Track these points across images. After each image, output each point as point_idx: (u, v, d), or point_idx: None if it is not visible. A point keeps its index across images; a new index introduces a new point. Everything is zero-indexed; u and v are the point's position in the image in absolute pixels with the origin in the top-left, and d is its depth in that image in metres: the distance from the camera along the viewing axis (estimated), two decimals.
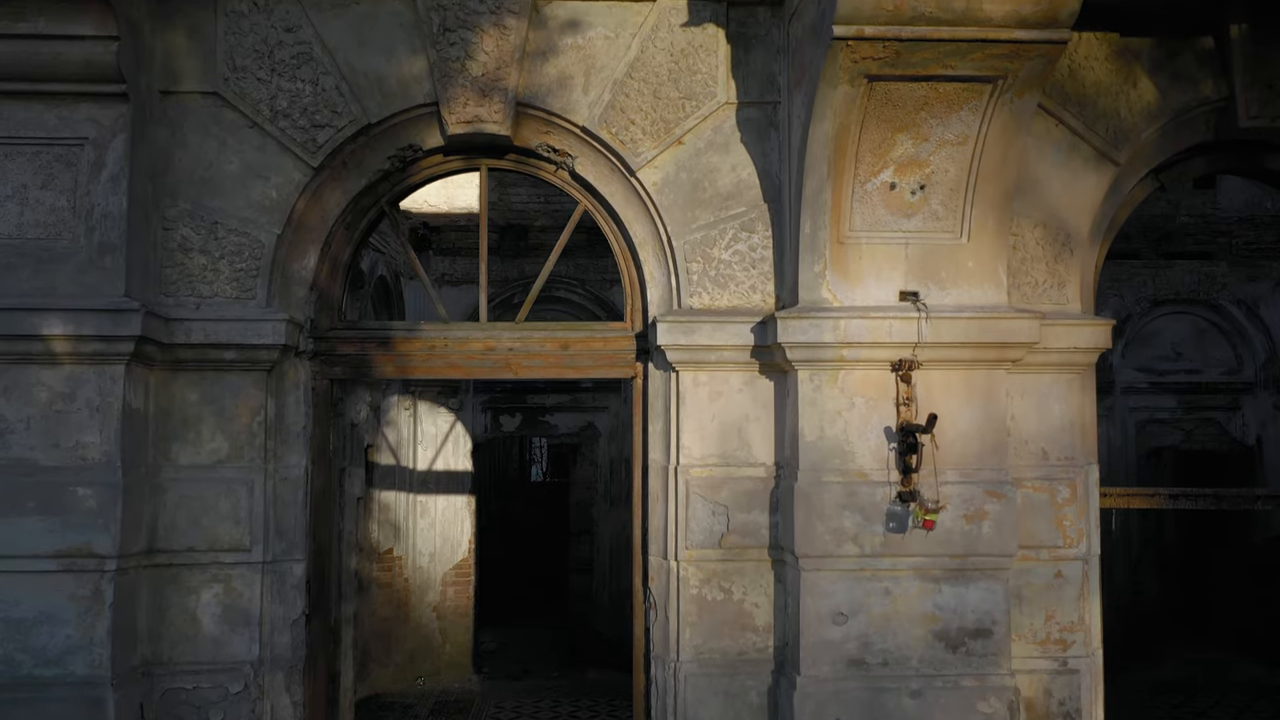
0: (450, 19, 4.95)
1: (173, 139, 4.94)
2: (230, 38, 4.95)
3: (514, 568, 16.02)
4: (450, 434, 12.85)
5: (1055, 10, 4.11)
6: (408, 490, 12.27)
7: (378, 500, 11.82)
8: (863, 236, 4.75)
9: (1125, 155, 5.14)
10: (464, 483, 12.71)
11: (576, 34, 5.06)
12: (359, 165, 5.13)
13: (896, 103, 4.44)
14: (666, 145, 5.05)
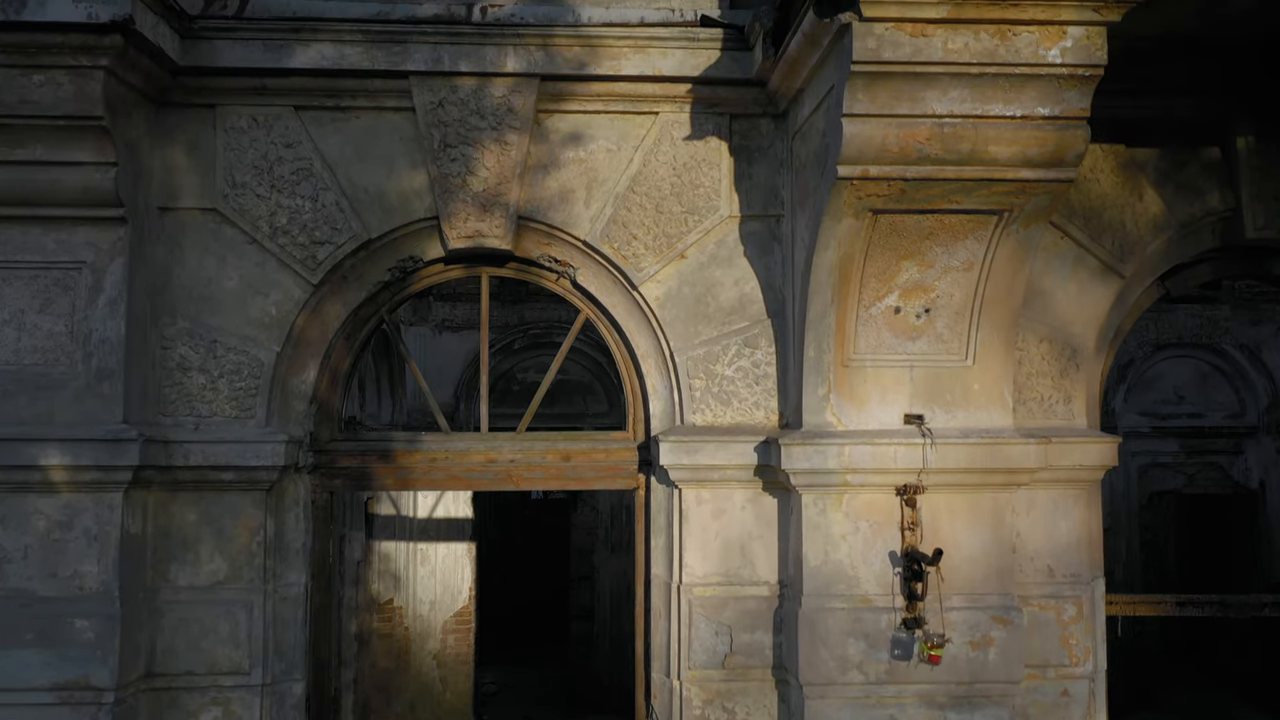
0: (451, 135, 4.92)
1: (171, 256, 4.91)
2: (230, 154, 4.91)
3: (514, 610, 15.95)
4: None
5: (1062, 152, 4.07)
6: (408, 539, 12.22)
7: (378, 551, 11.77)
8: (867, 359, 4.71)
9: (1131, 268, 5.11)
10: (464, 529, 12.67)
11: (578, 147, 5.02)
12: (359, 278, 5.09)
13: (901, 232, 4.40)
14: (669, 259, 5.02)
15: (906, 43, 3.85)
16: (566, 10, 4.93)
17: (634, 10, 4.96)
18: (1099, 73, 3.94)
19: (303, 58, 4.80)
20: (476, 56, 4.85)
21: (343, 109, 4.95)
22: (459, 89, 4.90)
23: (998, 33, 3.87)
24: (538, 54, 4.86)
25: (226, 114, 4.91)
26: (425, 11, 4.91)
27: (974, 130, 4.01)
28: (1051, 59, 3.89)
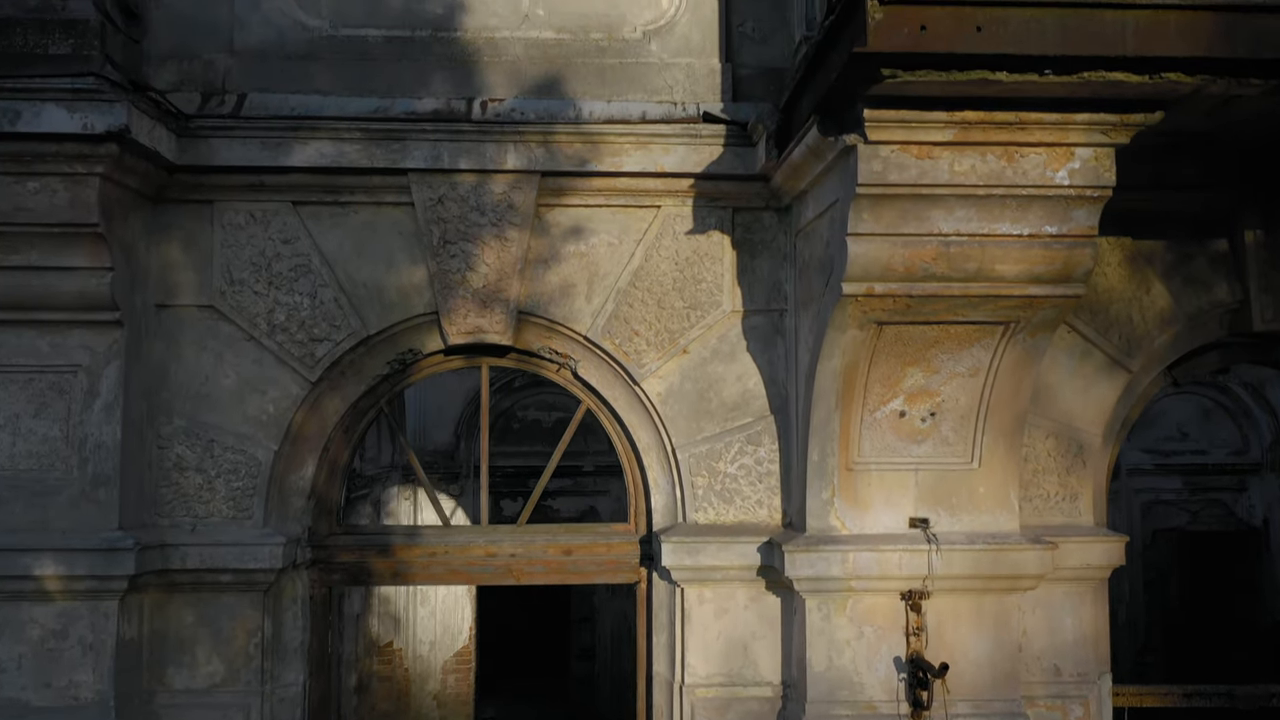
0: (451, 231, 4.87)
1: (168, 353, 4.85)
2: (227, 250, 4.86)
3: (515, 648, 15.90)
4: (451, 520, 12.76)
5: (1070, 269, 4.02)
6: None
7: (377, 594, 11.73)
8: (872, 463, 4.65)
9: (1139, 363, 5.06)
10: None
11: (579, 240, 4.97)
12: (358, 372, 5.04)
13: (907, 341, 4.35)
14: (671, 355, 4.96)
15: (913, 165, 3.80)
16: (568, 105, 4.88)
17: (635, 105, 4.92)
18: (1107, 193, 3.90)
19: (301, 156, 4.75)
20: (476, 153, 4.80)
21: (341, 204, 4.90)
22: (459, 185, 4.85)
23: (1005, 154, 3.82)
24: (538, 151, 4.81)
25: (224, 210, 4.86)
26: (425, 107, 4.86)
27: (980, 249, 3.96)
28: (1059, 181, 3.84)
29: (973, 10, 3.33)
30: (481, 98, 4.90)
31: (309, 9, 4.98)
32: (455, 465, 12.55)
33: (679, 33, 5.03)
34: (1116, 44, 3.35)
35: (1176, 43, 3.36)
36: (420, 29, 4.99)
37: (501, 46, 4.99)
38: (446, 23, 5.00)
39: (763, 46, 5.09)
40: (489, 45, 4.99)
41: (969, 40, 3.34)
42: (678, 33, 5.03)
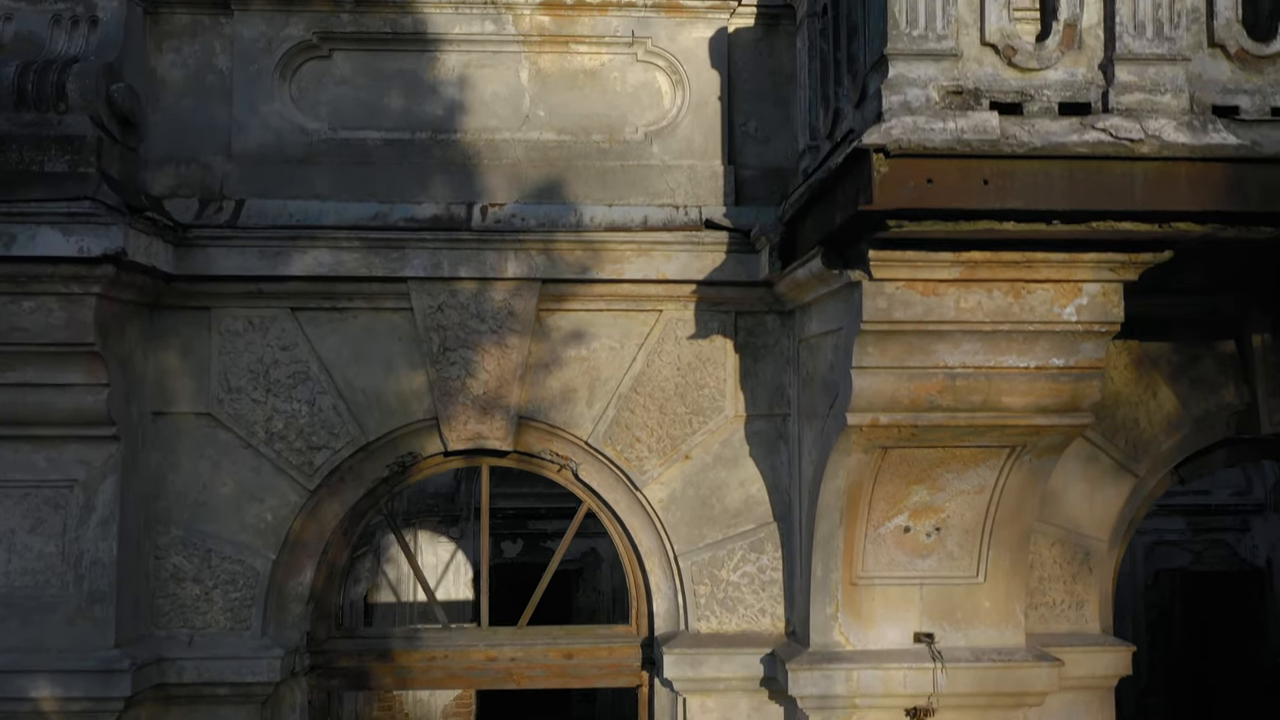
0: (450, 339, 4.82)
1: (165, 461, 4.81)
2: (224, 357, 4.82)
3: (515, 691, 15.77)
4: (451, 563, 12.70)
5: (1077, 400, 3.97)
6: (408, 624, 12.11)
7: None
8: (876, 578, 4.60)
9: (1145, 467, 5.01)
10: (465, 612, 12.56)
11: (580, 345, 4.92)
12: (357, 478, 4.99)
13: (912, 461, 4.30)
14: (673, 461, 4.91)
15: (918, 301, 3.75)
16: (569, 210, 4.84)
17: (637, 209, 4.87)
18: (1115, 328, 3.85)
19: (299, 265, 4.71)
20: (476, 261, 4.75)
21: (340, 309, 4.85)
22: (459, 293, 4.80)
23: (1011, 290, 3.77)
24: (539, 258, 4.76)
25: (221, 317, 4.82)
26: (424, 212, 4.82)
27: (986, 381, 3.91)
28: (1067, 317, 3.79)
29: (979, 163, 3.28)
30: (482, 202, 4.86)
31: (308, 112, 4.94)
32: (455, 508, 12.49)
33: (681, 134, 4.99)
34: (1125, 197, 3.31)
35: (1187, 195, 3.32)
36: (420, 131, 4.95)
37: (502, 149, 4.95)
38: (446, 124, 4.96)
39: (765, 146, 5.05)
40: (489, 147, 4.94)
41: (976, 194, 3.29)
42: (680, 134, 4.99)
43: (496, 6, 4.93)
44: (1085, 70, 3.44)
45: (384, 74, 4.97)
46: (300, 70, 4.95)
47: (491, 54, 4.98)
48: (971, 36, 3.43)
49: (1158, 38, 3.41)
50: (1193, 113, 3.39)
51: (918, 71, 3.36)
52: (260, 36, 4.90)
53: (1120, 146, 3.28)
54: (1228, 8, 3.49)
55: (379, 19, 4.92)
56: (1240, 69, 3.49)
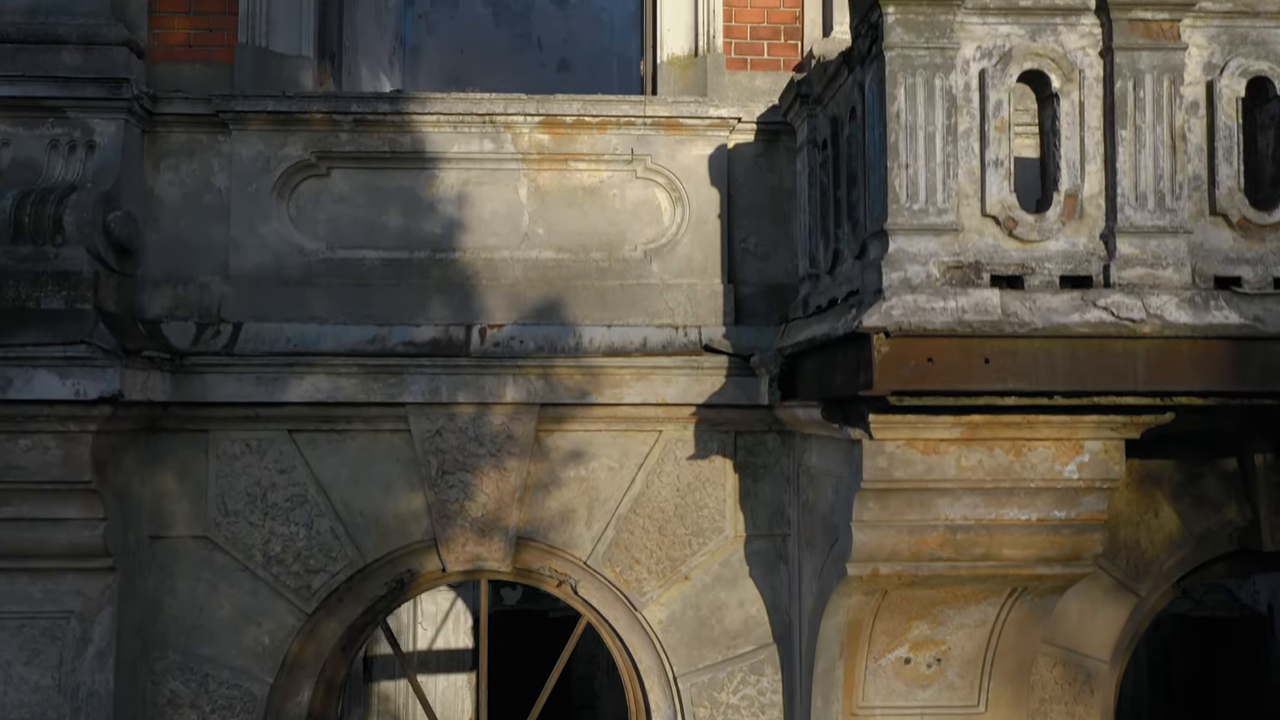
0: (449, 462, 4.80)
1: (162, 585, 4.78)
2: (222, 480, 4.80)
3: None
4: (451, 611, 12.65)
5: (1079, 551, 3.95)
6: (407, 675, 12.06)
7: (376, 693, 11.64)
8: (876, 708, 4.57)
9: (1147, 586, 4.98)
10: (465, 660, 12.52)
11: (579, 465, 4.90)
12: (356, 597, 4.96)
13: (912, 600, 4.27)
14: (672, 582, 4.89)
15: (919, 460, 3.73)
16: (568, 332, 4.82)
17: (636, 330, 4.85)
18: (1117, 484, 3.83)
19: (297, 391, 4.69)
20: (475, 386, 4.73)
21: (339, 432, 4.83)
22: (457, 417, 4.78)
23: (1013, 448, 3.75)
24: (538, 383, 4.75)
25: (219, 440, 4.80)
26: (423, 335, 4.80)
27: (987, 535, 3.89)
28: (1068, 474, 3.76)
29: (980, 342, 3.27)
30: (480, 324, 4.84)
31: (306, 231, 4.92)
32: None
33: (680, 253, 4.97)
34: (1128, 375, 3.29)
35: (1189, 374, 3.30)
36: (418, 250, 4.93)
37: (500, 268, 4.93)
38: (445, 243, 4.94)
39: (765, 262, 5.04)
40: (488, 267, 4.93)
41: (977, 373, 3.27)
42: (679, 253, 4.97)
43: (495, 125, 4.91)
44: (1086, 240, 3.43)
45: (383, 192, 4.95)
46: (298, 189, 4.93)
47: (490, 171, 4.96)
48: (972, 207, 3.42)
49: (1159, 209, 3.40)
50: (1195, 286, 3.38)
51: (918, 246, 3.34)
52: (258, 156, 4.89)
53: (1122, 326, 3.26)
54: (1229, 177, 3.48)
55: (377, 138, 4.91)
56: (1242, 237, 3.48)
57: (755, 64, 5.08)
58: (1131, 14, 3.40)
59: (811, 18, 5.08)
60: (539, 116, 4.89)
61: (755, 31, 5.09)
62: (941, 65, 3.37)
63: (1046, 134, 3.50)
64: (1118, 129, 3.40)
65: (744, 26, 5.09)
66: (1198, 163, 3.50)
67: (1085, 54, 3.46)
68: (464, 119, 4.89)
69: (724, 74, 5.02)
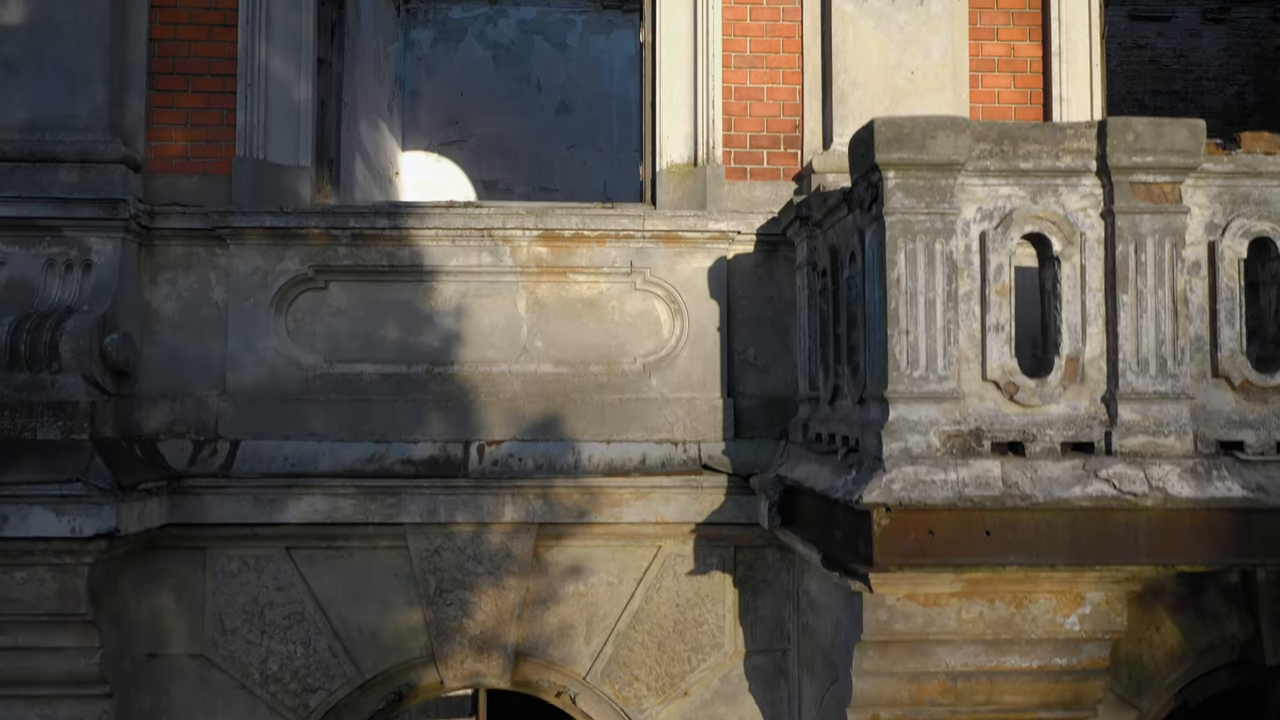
0: (447, 580, 4.78)
1: (158, 705, 4.76)
2: (219, 598, 4.77)
3: None
4: None
5: (1081, 697, 3.92)
6: None
7: None
8: None
9: (1148, 701, 4.95)
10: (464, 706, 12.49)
11: (578, 580, 4.88)
12: (354, 711, 4.93)
13: None
14: (672, 699, 4.87)
15: (919, 613, 3.70)
16: (566, 448, 4.80)
17: (635, 447, 4.83)
18: (1119, 634, 3.80)
19: (294, 511, 4.67)
20: (474, 506, 4.71)
21: (336, 549, 4.81)
22: (455, 536, 4.76)
23: (1014, 600, 3.71)
24: (537, 503, 4.72)
25: (216, 557, 4.78)
26: (421, 453, 4.78)
27: (989, 682, 3.85)
28: (1070, 626, 3.73)
29: (981, 514, 3.25)
30: (479, 440, 4.82)
31: (304, 344, 4.90)
32: None
33: (680, 367, 4.94)
34: (1129, 548, 3.28)
35: (1191, 546, 3.29)
36: (416, 364, 4.91)
37: (499, 382, 4.91)
38: (443, 356, 4.92)
39: (765, 374, 5.01)
40: (486, 381, 4.91)
41: (978, 545, 3.26)
42: (679, 366, 4.94)
43: (494, 238, 4.90)
44: (1088, 404, 3.41)
45: (381, 304, 4.94)
46: (296, 302, 4.91)
47: (489, 283, 4.95)
48: (973, 371, 3.40)
49: (1161, 374, 3.38)
50: (1197, 454, 3.36)
51: (919, 414, 3.32)
52: (256, 270, 4.87)
53: (1124, 500, 3.24)
54: (1231, 339, 3.46)
55: (375, 251, 4.89)
56: (1245, 399, 3.46)
57: (755, 173, 5.06)
58: (1133, 177, 3.38)
59: (811, 127, 5.06)
60: (537, 230, 4.87)
61: (755, 140, 5.08)
62: (942, 230, 3.36)
63: (1047, 295, 3.48)
64: (1119, 293, 3.38)
65: (743, 135, 5.08)
66: (1199, 324, 3.48)
67: (1086, 215, 3.44)
68: (462, 233, 4.87)
69: (723, 184, 5.01)
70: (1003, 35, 5.18)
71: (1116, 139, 3.35)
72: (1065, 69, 5.13)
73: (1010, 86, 5.16)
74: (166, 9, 4.98)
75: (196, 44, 4.98)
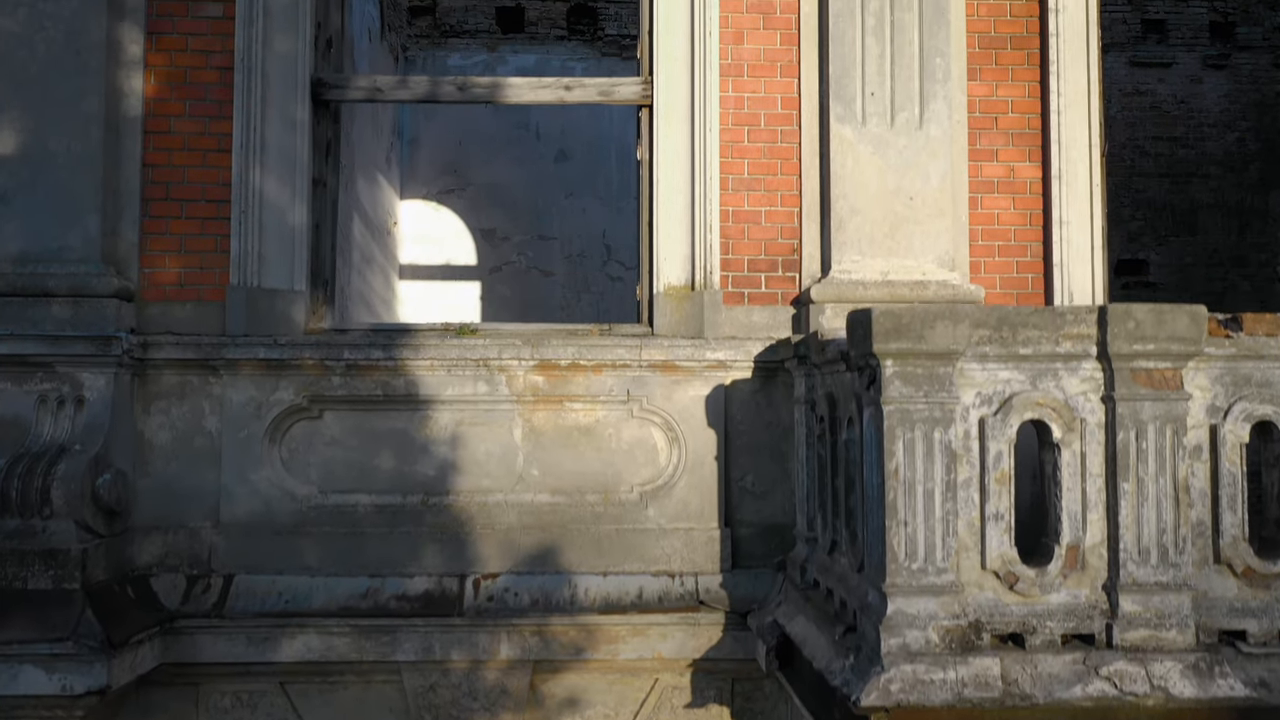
0: (443, 715, 4.74)
1: None
2: None
3: None
4: None
5: None
6: None
7: None
8: None
9: None
10: None
11: (575, 713, 4.85)
12: None
13: None
14: None
15: None
16: (562, 582, 4.77)
17: (632, 579, 4.80)
18: None
19: (288, 650, 4.63)
20: (469, 644, 4.68)
21: (331, 683, 4.77)
22: (451, 673, 4.72)
23: None
24: (532, 640, 4.68)
25: (209, 693, 4.75)
26: (416, 587, 4.75)
27: None
28: None
29: (981, 714, 3.20)
30: (474, 573, 4.79)
31: (298, 474, 4.87)
32: None
33: (677, 496, 4.91)
34: None
35: None
36: (411, 494, 4.87)
37: (494, 513, 4.87)
38: (438, 486, 4.88)
39: (763, 501, 4.97)
40: (481, 511, 4.87)
41: None
42: (676, 496, 4.91)
43: (489, 368, 4.86)
44: (1089, 592, 3.37)
45: (376, 433, 4.90)
46: (290, 431, 4.88)
47: (485, 412, 4.91)
48: (972, 560, 3.36)
49: (1162, 564, 3.34)
50: (1200, 645, 3.32)
51: (917, 607, 3.28)
52: (250, 401, 4.84)
53: (1125, 700, 3.20)
54: (1233, 525, 3.42)
55: (370, 381, 4.86)
56: (1247, 586, 3.42)
57: (753, 298, 5.03)
58: (1134, 364, 3.35)
59: (809, 251, 5.02)
60: (534, 360, 4.84)
61: (753, 264, 5.04)
62: (941, 420, 3.32)
63: (1048, 481, 3.44)
64: (1120, 480, 3.35)
65: (741, 259, 5.04)
66: (1201, 509, 3.44)
67: (1087, 399, 3.40)
68: (458, 363, 4.84)
69: (720, 310, 4.97)
70: (1002, 156, 5.14)
71: (1117, 327, 3.31)
72: (1065, 191, 5.09)
73: (1010, 208, 5.13)
74: (161, 134, 4.94)
75: (191, 169, 4.94)
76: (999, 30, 5.17)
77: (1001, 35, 5.17)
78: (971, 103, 5.13)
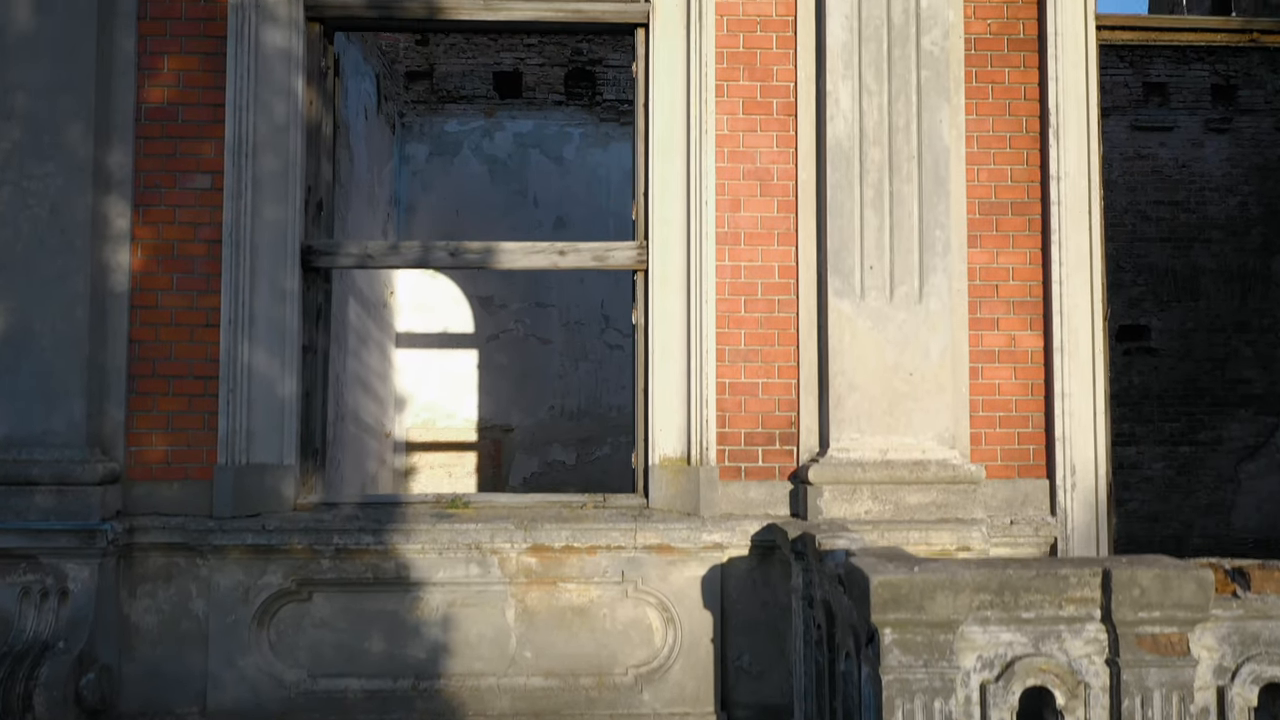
0: None
1: None
2: None
3: None
4: None
5: None
6: None
7: None
8: None
9: None
10: None
11: None
12: None
13: None
14: None
15: None
16: None
17: None
18: None
19: None
20: None
21: None
22: None
23: None
24: None
25: None
26: None
27: None
28: None
29: None
30: None
31: (286, 658, 4.78)
32: None
33: (673, 680, 4.82)
34: None
35: None
36: (402, 678, 4.78)
37: (487, 697, 4.78)
38: (429, 669, 4.80)
39: (759, 682, 4.89)
40: (474, 697, 4.78)
41: None
42: (671, 680, 4.82)
43: (482, 551, 4.78)
44: None
45: (365, 615, 4.81)
46: (279, 614, 4.79)
47: (477, 593, 4.83)
48: None
49: None
50: None
51: None
52: (237, 585, 4.75)
53: None
54: None
55: (360, 564, 4.77)
56: None
57: (750, 472, 4.94)
58: (1138, 629, 3.26)
59: (807, 424, 4.94)
60: (527, 544, 4.75)
61: (750, 438, 4.96)
62: (941, 690, 3.23)
63: None
64: None
65: (738, 433, 4.96)
66: None
67: (1091, 661, 3.31)
68: (449, 546, 4.75)
69: (716, 487, 4.89)
70: (1003, 325, 5.06)
71: (1122, 594, 3.22)
72: (1068, 363, 5.01)
73: (1011, 379, 5.04)
74: (148, 309, 4.86)
75: (178, 345, 4.86)
76: (999, 196, 5.09)
77: (1002, 201, 5.09)
78: (972, 270, 5.05)
